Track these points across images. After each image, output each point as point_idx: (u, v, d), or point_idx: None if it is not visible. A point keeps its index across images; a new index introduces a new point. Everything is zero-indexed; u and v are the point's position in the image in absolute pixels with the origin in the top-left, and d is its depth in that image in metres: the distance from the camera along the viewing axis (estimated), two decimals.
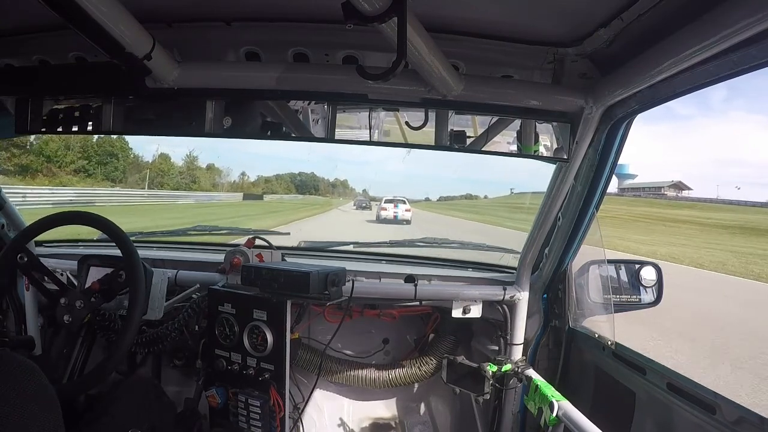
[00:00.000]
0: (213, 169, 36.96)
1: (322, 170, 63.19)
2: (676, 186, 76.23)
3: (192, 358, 1.76)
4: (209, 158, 45.86)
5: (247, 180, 42.09)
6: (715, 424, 1.09)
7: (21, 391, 0.73)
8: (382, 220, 16.62)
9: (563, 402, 1.31)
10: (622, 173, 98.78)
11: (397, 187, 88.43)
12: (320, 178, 48.17)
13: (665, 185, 76.42)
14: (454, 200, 43.53)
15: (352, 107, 1.31)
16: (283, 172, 59.73)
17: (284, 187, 43.65)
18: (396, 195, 20.89)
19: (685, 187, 77.14)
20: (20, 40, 1.28)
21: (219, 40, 1.24)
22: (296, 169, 63.93)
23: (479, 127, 1.32)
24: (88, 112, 1.34)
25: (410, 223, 16.35)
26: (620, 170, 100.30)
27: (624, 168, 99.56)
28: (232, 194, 33.78)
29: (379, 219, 16.86)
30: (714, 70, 0.88)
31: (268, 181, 44.53)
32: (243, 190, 37.66)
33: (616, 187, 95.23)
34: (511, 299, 1.69)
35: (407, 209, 17.17)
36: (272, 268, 1.46)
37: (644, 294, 1.66)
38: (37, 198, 15.29)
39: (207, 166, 36.32)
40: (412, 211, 17.84)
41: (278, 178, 46.22)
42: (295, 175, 48.02)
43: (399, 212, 16.85)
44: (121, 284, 1.44)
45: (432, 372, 1.88)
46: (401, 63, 0.87)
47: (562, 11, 1.03)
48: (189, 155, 32.93)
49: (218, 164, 38.22)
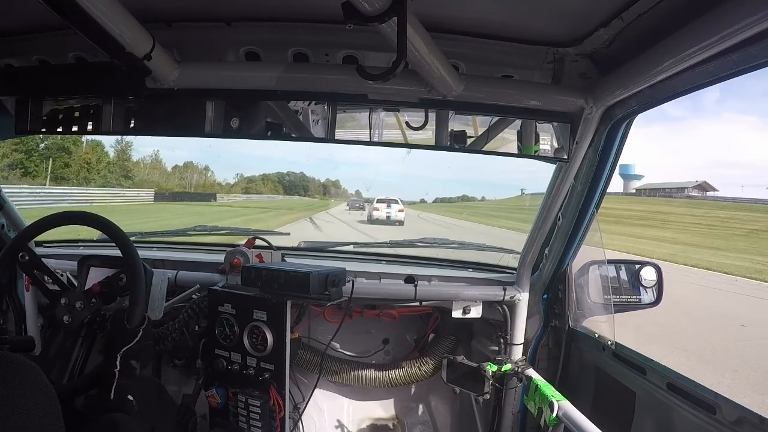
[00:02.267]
0: (157, 164, 33.28)
1: (315, 171, 61.17)
2: (700, 187, 68.55)
3: (192, 358, 1.75)
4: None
5: (210, 178, 38.94)
6: (715, 424, 1.09)
7: (21, 391, 0.73)
8: (373, 221, 16.10)
9: (563, 402, 1.31)
10: (628, 174, 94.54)
11: (387, 188, 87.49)
12: (310, 178, 46.28)
13: (689, 186, 69.35)
14: (449, 203, 41.62)
15: (352, 107, 1.31)
16: (271, 172, 57.23)
17: (270, 188, 41.65)
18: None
19: (710, 188, 69.54)
20: (20, 40, 1.28)
21: (219, 40, 1.24)
22: (293, 171, 61.70)
23: (479, 127, 1.32)
24: (88, 113, 1.34)
25: (403, 224, 15.97)
26: (626, 171, 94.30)
27: (630, 168, 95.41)
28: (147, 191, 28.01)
29: (371, 219, 16.36)
30: (714, 70, 0.88)
31: (252, 180, 42.31)
32: (206, 189, 34.59)
33: (621, 189, 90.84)
34: (511, 299, 1.69)
35: (400, 209, 16.81)
36: (272, 269, 1.46)
37: (644, 294, 1.66)
38: None
39: (151, 161, 33.20)
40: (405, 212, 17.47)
41: (265, 178, 43.99)
42: (283, 174, 46.09)
43: (392, 212, 16.49)
44: (122, 287, 1.44)
45: (432, 372, 1.88)
46: (401, 63, 0.87)
47: (562, 11, 1.03)
48: (121, 143, 27.42)
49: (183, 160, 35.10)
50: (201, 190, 35.14)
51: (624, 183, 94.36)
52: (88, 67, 1.27)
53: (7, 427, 0.68)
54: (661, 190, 72.85)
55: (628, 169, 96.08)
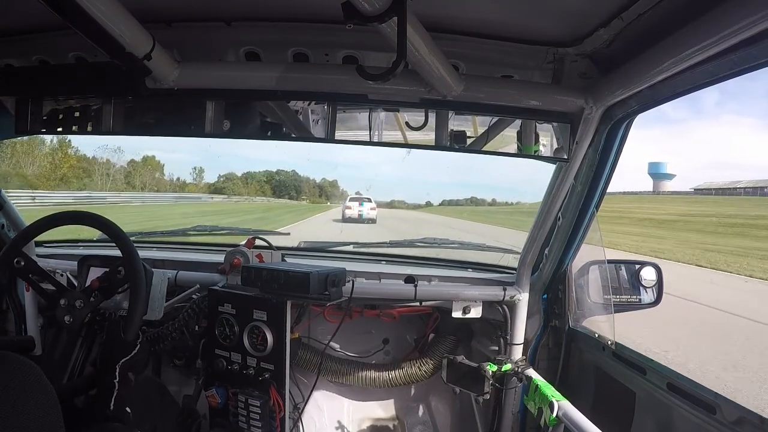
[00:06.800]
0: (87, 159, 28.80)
1: (310, 171, 58.49)
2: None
3: (192, 358, 1.75)
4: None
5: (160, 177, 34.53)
6: (715, 424, 1.09)
7: (21, 391, 0.74)
8: (347, 219, 16.18)
9: (563, 402, 1.31)
10: (658, 173, 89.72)
11: (387, 190, 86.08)
12: (303, 178, 42.54)
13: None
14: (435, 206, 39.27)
15: (352, 107, 1.31)
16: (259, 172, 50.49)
17: (256, 189, 38.43)
18: (362, 193, 20.50)
19: None
20: (20, 40, 1.28)
21: (219, 40, 1.24)
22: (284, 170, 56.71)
23: (479, 127, 1.32)
24: (88, 113, 1.34)
25: (375, 222, 16.13)
26: (656, 170, 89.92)
27: (660, 167, 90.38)
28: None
29: (344, 218, 16.43)
30: (714, 70, 0.88)
31: (229, 179, 38.47)
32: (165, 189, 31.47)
33: (651, 189, 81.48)
34: (511, 299, 1.69)
35: (372, 207, 16.94)
36: (272, 269, 1.46)
37: (644, 294, 1.66)
38: None
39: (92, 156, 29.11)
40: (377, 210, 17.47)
41: (250, 177, 40.47)
42: (273, 174, 42.37)
43: (364, 211, 16.56)
44: (121, 280, 1.43)
45: (432, 372, 1.88)
46: (401, 63, 0.88)
47: (562, 11, 1.03)
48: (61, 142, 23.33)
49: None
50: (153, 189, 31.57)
51: (654, 183, 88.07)
52: (88, 67, 1.27)
53: (8, 426, 0.68)
54: (731, 189, 61.79)
55: (659, 168, 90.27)
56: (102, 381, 1.37)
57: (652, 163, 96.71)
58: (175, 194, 31.82)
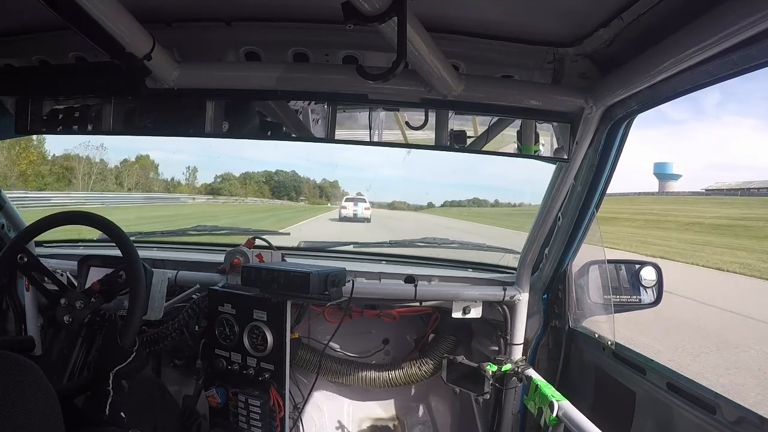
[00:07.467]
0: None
1: (310, 172, 57.32)
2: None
3: (192, 358, 1.75)
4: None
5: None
6: (715, 424, 1.09)
7: (21, 391, 0.74)
8: (343, 218, 17.18)
9: (563, 402, 1.31)
10: (664, 173, 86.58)
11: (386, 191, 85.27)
12: (303, 178, 42.32)
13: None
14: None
15: (352, 107, 1.31)
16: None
17: (255, 190, 37.69)
18: (363, 194, 21.31)
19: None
20: (20, 40, 1.28)
21: (219, 40, 1.24)
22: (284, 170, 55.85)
23: (479, 127, 1.32)
24: (88, 113, 1.34)
25: (370, 221, 17.03)
26: (662, 170, 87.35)
27: (666, 168, 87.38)
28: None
29: (341, 217, 17.46)
30: (714, 70, 0.88)
31: (226, 179, 37.17)
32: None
33: (657, 189, 77.69)
34: (511, 299, 1.69)
35: (366, 207, 18.04)
36: (272, 269, 1.46)
37: (644, 294, 1.65)
38: None
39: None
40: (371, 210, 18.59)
41: (248, 177, 39.50)
42: (272, 174, 41.67)
43: (359, 210, 17.71)
44: (122, 284, 1.43)
45: (432, 372, 1.88)
46: (401, 63, 0.87)
47: (561, 11, 1.03)
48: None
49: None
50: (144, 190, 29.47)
51: (660, 183, 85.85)
52: (88, 67, 1.27)
53: (8, 426, 0.68)
54: (744, 190, 55.60)
55: (665, 168, 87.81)
56: (96, 387, 1.37)
57: (657, 163, 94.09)
58: (144, 194, 28.97)
